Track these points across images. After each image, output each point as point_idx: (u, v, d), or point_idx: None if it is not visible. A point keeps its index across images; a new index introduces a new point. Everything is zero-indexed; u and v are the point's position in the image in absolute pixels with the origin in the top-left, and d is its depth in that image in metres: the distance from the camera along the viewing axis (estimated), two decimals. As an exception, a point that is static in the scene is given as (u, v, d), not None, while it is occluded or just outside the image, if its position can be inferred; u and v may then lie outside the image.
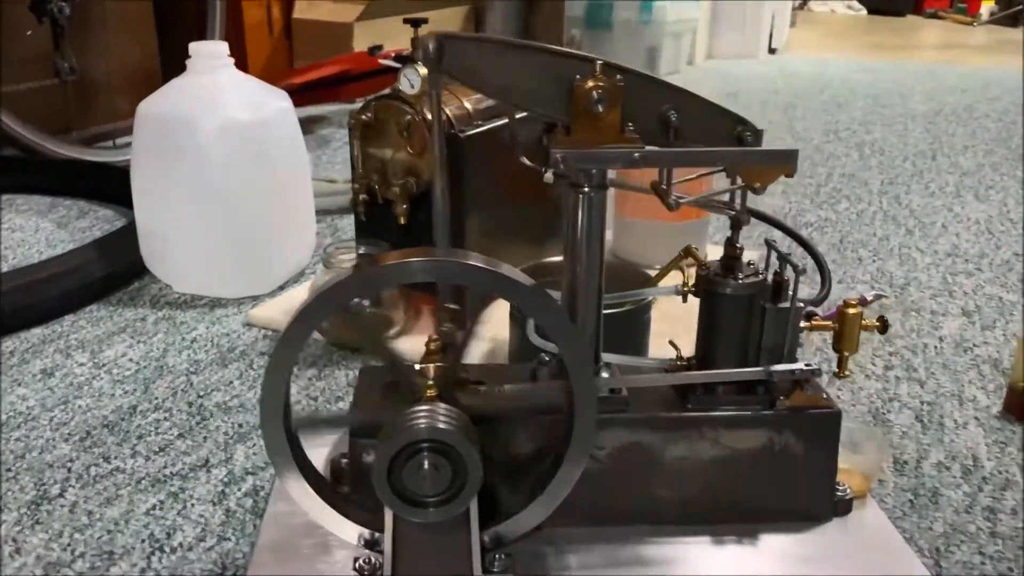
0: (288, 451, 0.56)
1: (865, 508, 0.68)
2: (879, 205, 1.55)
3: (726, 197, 0.63)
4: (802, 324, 0.65)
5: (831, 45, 4.19)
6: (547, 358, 0.65)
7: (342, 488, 0.64)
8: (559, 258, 0.88)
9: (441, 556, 0.58)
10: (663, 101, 0.59)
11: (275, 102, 1.11)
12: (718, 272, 0.63)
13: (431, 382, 0.56)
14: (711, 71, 3.16)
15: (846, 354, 0.66)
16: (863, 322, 0.66)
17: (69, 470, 0.76)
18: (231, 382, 0.91)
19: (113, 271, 1.12)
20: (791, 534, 0.64)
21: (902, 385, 0.92)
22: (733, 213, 0.62)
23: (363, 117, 0.93)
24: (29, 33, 1.59)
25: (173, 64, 2.19)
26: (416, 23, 0.92)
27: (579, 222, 0.61)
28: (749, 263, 0.64)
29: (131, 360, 0.96)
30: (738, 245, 0.63)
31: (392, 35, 2.37)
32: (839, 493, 0.66)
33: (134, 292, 1.14)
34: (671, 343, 0.67)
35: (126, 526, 0.68)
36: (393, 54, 1.67)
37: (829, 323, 0.66)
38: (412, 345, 0.88)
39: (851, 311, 0.65)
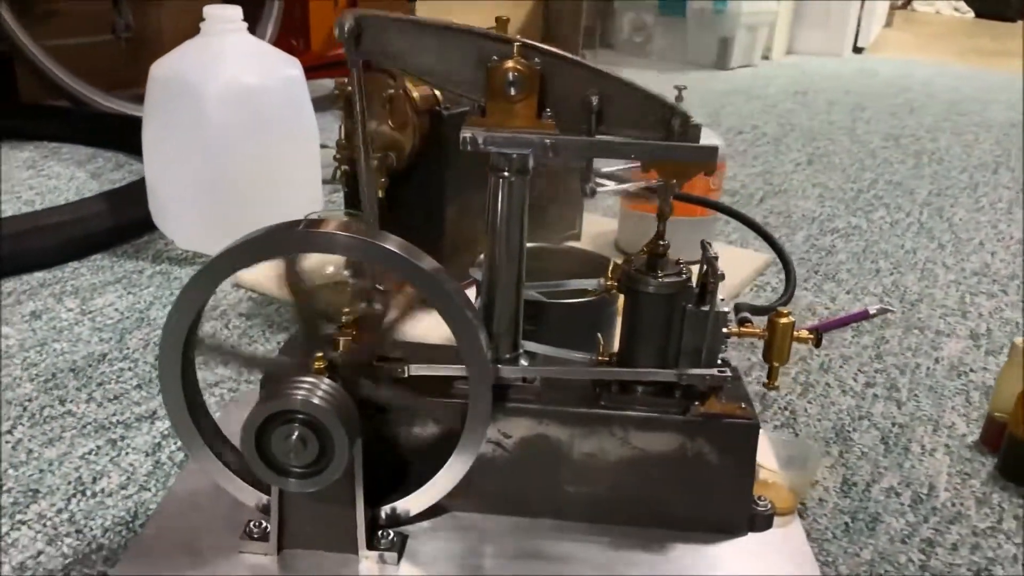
0: (185, 410, 0.57)
1: (788, 526, 0.65)
2: (917, 216, 1.48)
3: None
4: (731, 330, 0.63)
5: (925, 47, 4.01)
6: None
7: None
8: (544, 244, 0.88)
9: (328, 528, 0.59)
10: (588, 86, 0.57)
11: (284, 69, 1.12)
12: (640, 269, 0.61)
13: (320, 355, 0.56)
14: (786, 67, 3.07)
15: (776, 364, 0.64)
16: (795, 334, 0.63)
17: (25, 409, 0.79)
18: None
19: (120, 223, 1.15)
20: (698, 544, 0.62)
21: (878, 404, 0.87)
22: (656, 206, 0.60)
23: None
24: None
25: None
26: None
27: (499, 207, 0.60)
28: (677, 262, 0.62)
29: (116, 310, 0.99)
30: (663, 243, 0.61)
31: (452, 10, 2.37)
32: (759, 507, 0.64)
33: (141, 245, 1.17)
34: (598, 338, 0.66)
35: (59, 467, 0.71)
36: None
37: (758, 331, 0.63)
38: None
39: (782, 321, 0.62)
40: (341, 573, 0.58)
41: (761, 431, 0.73)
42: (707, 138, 1.15)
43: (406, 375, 0.59)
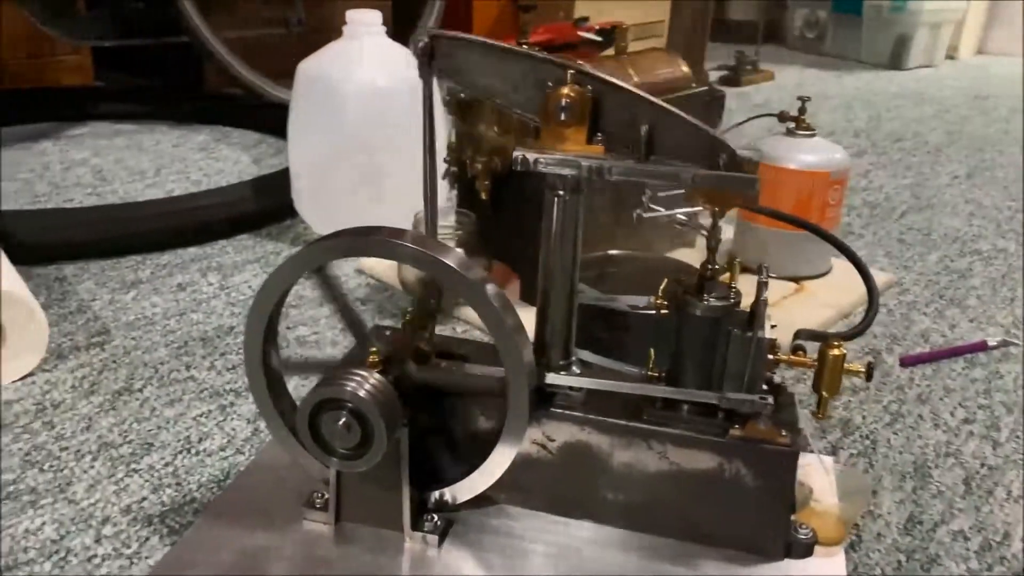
0: (265, 387, 0.65)
1: (831, 557, 0.65)
2: (1078, 242, 1.37)
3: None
4: (779, 357, 0.63)
5: None
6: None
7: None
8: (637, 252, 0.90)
9: (379, 506, 0.64)
10: (639, 115, 0.59)
11: (416, 70, 1.19)
12: (688, 291, 0.63)
13: (374, 349, 0.61)
14: (972, 68, 2.87)
15: (825, 395, 0.63)
16: (847, 366, 0.63)
17: (156, 371, 0.90)
18: (319, 320, 1.02)
19: (265, 207, 1.27)
20: (731, 564, 0.63)
21: (971, 442, 0.84)
22: (704, 233, 0.61)
23: (460, 95, 0.98)
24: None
25: (405, 30, 2.37)
26: (526, 9, 0.96)
27: (553, 223, 0.63)
28: (731, 287, 0.63)
29: (250, 287, 1.09)
30: (713, 267, 0.62)
31: (611, 8, 2.38)
32: (799, 535, 0.64)
33: (285, 228, 1.28)
34: (651, 353, 0.68)
35: (173, 426, 0.81)
36: (597, 27, 1.70)
37: (807, 360, 0.63)
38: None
39: (833, 352, 0.62)
40: (387, 549, 0.64)
41: (824, 459, 0.73)
42: (824, 151, 1.13)
43: (581, 391, 0.64)
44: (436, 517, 0.65)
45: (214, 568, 0.61)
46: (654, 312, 0.64)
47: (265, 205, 1.26)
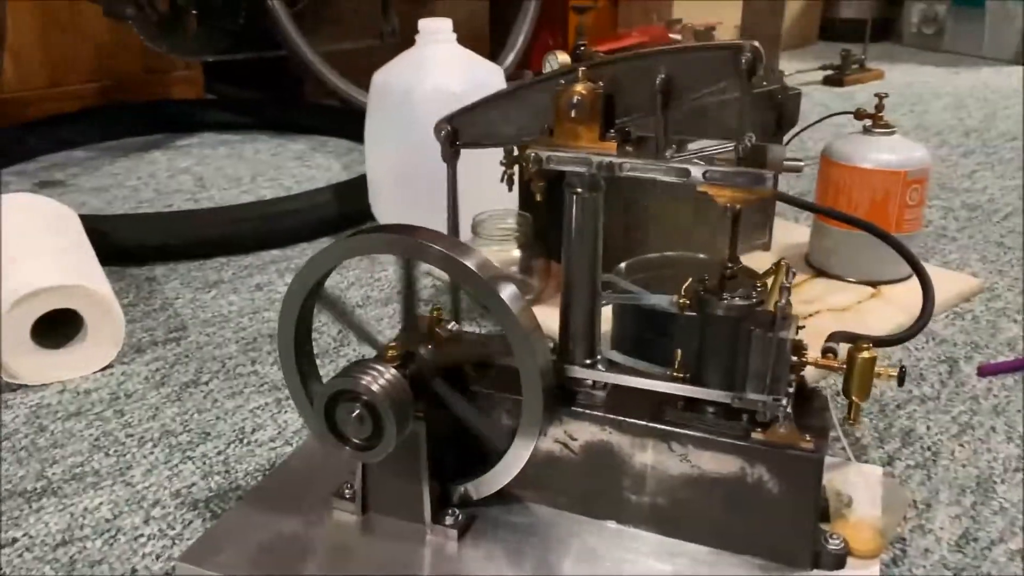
0: (297, 377, 0.67)
1: (865, 569, 0.62)
2: None
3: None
4: (806, 359, 0.61)
5: None
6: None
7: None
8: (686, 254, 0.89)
9: (402, 498, 0.66)
10: (652, 73, 0.58)
11: (487, 77, 1.21)
12: (710, 289, 0.62)
13: (394, 343, 0.63)
14: (1110, 62, 2.66)
15: (855, 400, 0.61)
16: (878, 369, 0.60)
17: (223, 365, 0.94)
18: (382, 319, 1.05)
19: (344, 212, 1.31)
20: (756, 572, 0.62)
21: (1046, 458, 0.78)
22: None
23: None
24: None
25: (501, 30, 2.40)
26: (580, 10, 0.96)
27: (573, 221, 0.63)
28: (757, 284, 0.61)
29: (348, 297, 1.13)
30: (731, 265, 0.61)
31: (711, 9, 2.34)
32: (829, 545, 0.62)
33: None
34: (677, 352, 0.67)
35: (231, 417, 0.85)
36: (693, 28, 1.69)
37: (835, 363, 0.61)
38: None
39: (863, 355, 0.60)
40: (409, 541, 0.65)
41: (868, 468, 0.70)
42: (902, 149, 1.08)
43: (604, 388, 0.65)
44: (458, 511, 0.66)
45: (242, 550, 0.64)
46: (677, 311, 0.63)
47: (345, 210, 1.31)
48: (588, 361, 0.67)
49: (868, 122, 1.09)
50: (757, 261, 1.14)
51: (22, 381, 0.90)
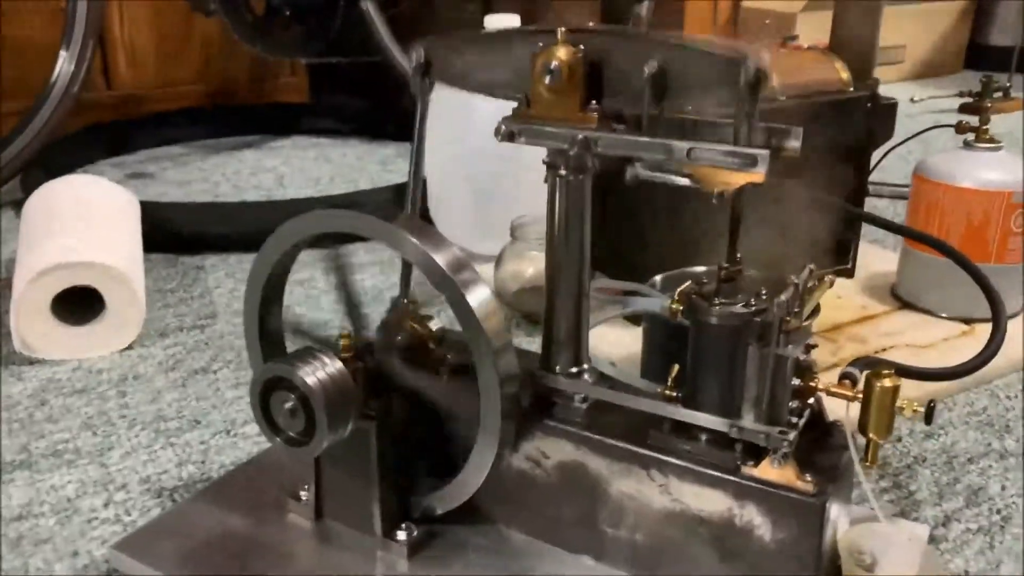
0: (260, 356, 0.63)
1: (880, 646, 0.51)
2: None
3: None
4: (816, 384, 0.51)
5: None
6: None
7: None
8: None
9: (355, 507, 0.60)
10: (645, 59, 0.49)
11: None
12: (703, 294, 0.53)
13: (348, 334, 0.57)
14: None
15: (873, 437, 0.50)
16: (901, 403, 0.49)
17: (239, 355, 0.91)
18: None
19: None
20: (740, 633, 0.52)
21: None
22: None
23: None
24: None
25: (613, 21, 2.33)
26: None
27: (556, 209, 0.56)
28: (761, 291, 0.52)
29: (362, 287, 1.09)
30: (726, 265, 0.52)
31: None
32: (835, 613, 0.51)
33: (422, 235, 1.28)
34: (677, 367, 0.58)
35: (226, 407, 0.81)
36: (806, 46, 1.58)
37: (849, 392, 0.51)
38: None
39: (883, 383, 0.49)
40: (358, 553, 0.58)
41: (914, 527, 0.59)
42: (1009, 167, 0.95)
43: (584, 402, 0.57)
44: (413, 527, 0.59)
45: (180, 545, 0.59)
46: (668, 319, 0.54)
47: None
48: (574, 370, 0.59)
49: (970, 136, 0.96)
50: (837, 287, 1.03)
51: (40, 355, 0.89)
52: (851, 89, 0.99)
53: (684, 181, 0.49)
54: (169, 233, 1.17)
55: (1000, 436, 0.77)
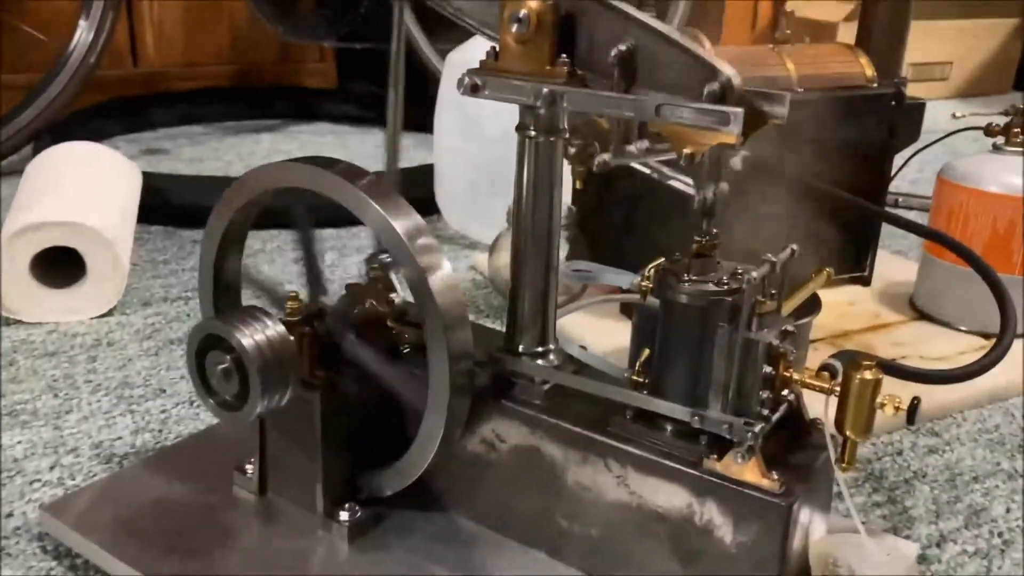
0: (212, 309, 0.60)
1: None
2: None
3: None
4: (791, 375, 0.47)
5: None
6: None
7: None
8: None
9: (299, 483, 0.56)
10: (621, 36, 0.46)
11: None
12: (674, 270, 0.48)
13: (295, 295, 0.54)
14: None
15: (850, 436, 0.46)
16: (882, 399, 0.45)
17: (218, 328, 0.88)
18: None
19: (408, 197, 1.24)
20: (694, 643, 0.47)
21: None
22: (697, 193, 0.47)
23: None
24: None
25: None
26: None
27: (524, 173, 0.52)
28: (737, 271, 0.48)
29: (359, 272, 1.06)
30: (700, 239, 0.47)
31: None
32: (799, 627, 0.47)
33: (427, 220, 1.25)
34: (648, 351, 0.53)
35: (196, 378, 0.78)
36: None
37: (827, 385, 0.46)
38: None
39: (862, 376, 0.45)
40: (298, 532, 0.55)
41: (899, 543, 0.54)
42: None
43: (544, 386, 0.53)
44: (357, 507, 0.55)
45: (112, 512, 0.56)
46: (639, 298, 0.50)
47: (406, 196, 1.23)
48: (538, 349, 0.55)
49: (1000, 139, 0.90)
50: (851, 295, 0.97)
51: (19, 317, 0.87)
52: (875, 86, 0.93)
53: (651, 170, 0.46)
54: (168, 205, 1.15)
55: (1011, 456, 0.71)
